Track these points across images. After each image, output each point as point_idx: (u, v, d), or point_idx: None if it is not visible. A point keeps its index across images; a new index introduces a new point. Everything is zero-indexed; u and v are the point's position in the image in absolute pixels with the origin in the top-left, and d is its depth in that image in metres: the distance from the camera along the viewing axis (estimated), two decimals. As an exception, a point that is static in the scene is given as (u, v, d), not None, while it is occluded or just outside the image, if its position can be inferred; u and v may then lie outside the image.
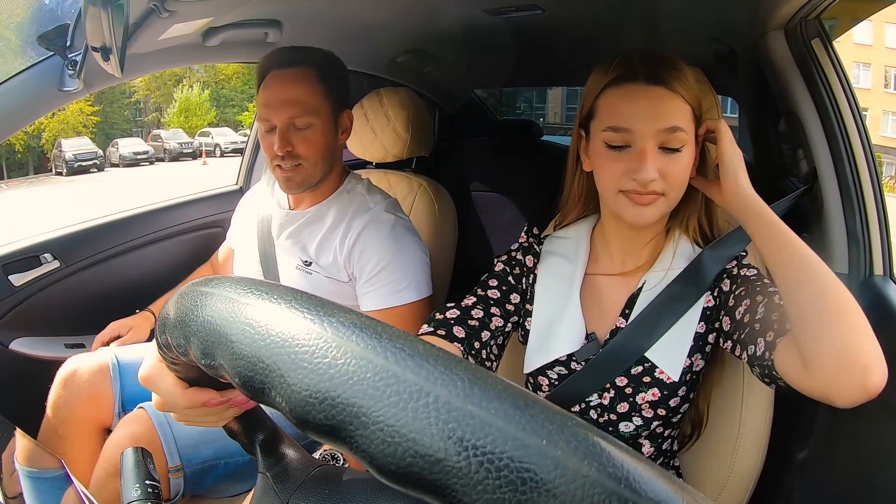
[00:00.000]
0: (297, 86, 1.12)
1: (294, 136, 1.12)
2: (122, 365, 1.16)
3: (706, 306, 0.83)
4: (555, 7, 1.34)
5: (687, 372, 0.81)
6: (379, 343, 0.25)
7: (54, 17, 1.18)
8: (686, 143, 0.77)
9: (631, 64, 0.78)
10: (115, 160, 20.41)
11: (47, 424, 1.10)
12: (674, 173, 0.77)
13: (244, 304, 0.30)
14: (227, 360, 0.29)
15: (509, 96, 5.78)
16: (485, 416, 0.23)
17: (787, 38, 1.07)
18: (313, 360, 0.26)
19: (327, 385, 0.25)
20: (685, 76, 0.78)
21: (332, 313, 0.28)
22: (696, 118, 0.79)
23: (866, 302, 0.98)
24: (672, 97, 0.76)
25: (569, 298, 0.87)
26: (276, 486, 0.42)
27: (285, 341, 0.27)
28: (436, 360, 0.25)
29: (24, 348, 1.33)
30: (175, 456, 1.01)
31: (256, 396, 0.28)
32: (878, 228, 1.00)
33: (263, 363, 0.27)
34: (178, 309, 0.34)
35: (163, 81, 27.88)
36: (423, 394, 0.23)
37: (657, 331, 0.82)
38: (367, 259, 1.13)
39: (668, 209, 0.81)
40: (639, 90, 0.77)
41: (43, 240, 1.41)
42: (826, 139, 1.03)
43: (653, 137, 0.76)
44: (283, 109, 1.11)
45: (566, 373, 0.86)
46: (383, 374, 0.24)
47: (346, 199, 1.21)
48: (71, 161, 18.84)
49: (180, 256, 1.66)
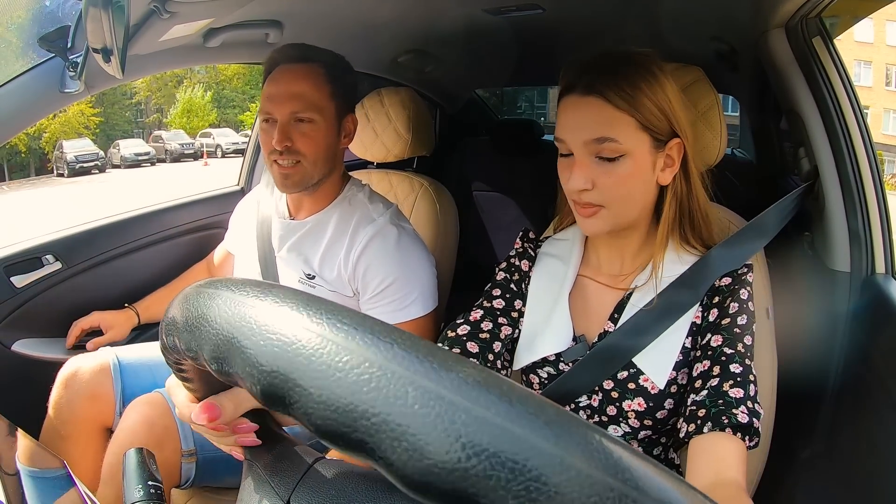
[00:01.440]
0: (304, 81, 1.10)
1: (294, 132, 1.10)
2: (122, 365, 1.16)
3: (694, 321, 0.82)
4: (555, 6, 1.34)
5: (672, 383, 0.80)
6: (403, 352, 0.25)
7: (55, 19, 1.18)
8: (625, 154, 0.76)
9: (572, 74, 0.78)
10: (117, 161, 20.44)
11: (49, 425, 1.11)
12: (608, 184, 0.77)
13: (260, 309, 0.29)
14: (241, 368, 0.28)
15: (510, 96, 5.79)
16: (516, 430, 0.22)
17: (787, 36, 1.07)
18: (336, 369, 0.25)
19: (352, 397, 0.24)
20: (634, 84, 0.75)
21: (363, 324, 0.27)
22: (650, 127, 0.76)
23: (868, 300, 0.98)
24: (604, 108, 0.75)
25: (558, 299, 0.87)
26: (272, 479, 0.40)
27: (305, 349, 0.26)
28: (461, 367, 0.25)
29: (27, 350, 1.33)
30: (189, 440, 1.02)
31: (274, 405, 0.27)
32: (879, 226, 1.00)
33: (282, 372, 0.26)
34: (187, 311, 0.33)
35: (164, 82, 27.92)
36: (443, 402, 0.23)
37: (648, 334, 0.81)
38: (374, 275, 1.11)
39: (616, 221, 0.80)
40: (573, 101, 0.78)
41: (45, 241, 1.41)
42: (827, 137, 1.03)
43: (582, 147, 0.77)
44: (287, 103, 1.09)
45: (555, 373, 0.86)
46: (404, 382, 0.24)
47: (348, 209, 1.18)
48: (72, 162, 18.86)
49: (182, 257, 1.66)
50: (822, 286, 1.05)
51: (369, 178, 1.55)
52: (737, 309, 0.79)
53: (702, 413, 0.72)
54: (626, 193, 0.78)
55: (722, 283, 0.82)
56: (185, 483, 1.04)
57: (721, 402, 0.71)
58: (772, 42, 1.09)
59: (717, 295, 0.82)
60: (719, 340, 0.77)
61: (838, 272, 1.02)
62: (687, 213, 0.84)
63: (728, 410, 0.71)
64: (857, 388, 0.98)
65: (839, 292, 1.02)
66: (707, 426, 0.70)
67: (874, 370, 0.92)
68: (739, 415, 0.70)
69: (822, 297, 1.05)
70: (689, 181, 0.82)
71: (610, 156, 0.76)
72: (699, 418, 0.72)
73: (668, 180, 0.80)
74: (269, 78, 1.13)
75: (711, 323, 0.80)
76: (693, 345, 0.82)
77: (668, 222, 0.82)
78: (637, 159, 0.76)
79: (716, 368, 0.75)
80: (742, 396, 0.72)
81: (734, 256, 0.83)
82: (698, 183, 0.83)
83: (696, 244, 0.85)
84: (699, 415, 0.72)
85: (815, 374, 1.03)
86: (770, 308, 0.91)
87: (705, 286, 0.82)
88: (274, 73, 1.12)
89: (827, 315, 1.03)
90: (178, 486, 1.05)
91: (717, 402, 0.72)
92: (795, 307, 1.05)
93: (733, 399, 0.71)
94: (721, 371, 0.74)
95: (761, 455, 0.91)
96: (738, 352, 0.75)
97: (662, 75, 0.77)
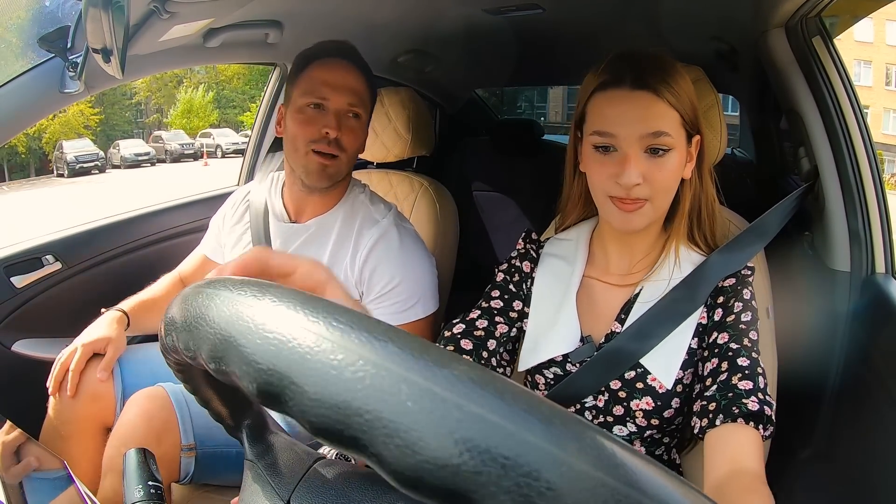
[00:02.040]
0: (357, 77, 1.11)
1: (344, 124, 1.09)
2: (123, 364, 1.15)
3: (700, 322, 0.82)
4: (555, 6, 1.34)
5: (679, 383, 0.81)
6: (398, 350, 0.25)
7: (55, 19, 1.18)
8: (673, 148, 0.77)
9: (618, 68, 0.78)
10: (117, 162, 20.43)
11: (49, 425, 1.10)
12: (659, 178, 0.77)
13: (257, 308, 0.29)
14: (237, 366, 0.28)
15: (510, 95, 5.78)
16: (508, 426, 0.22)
17: (787, 35, 1.07)
18: (331, 367, 0.25)
19: (354, 399, 0.24)
20: (675, 80, 0.77)
21: (358, 323, 0.27)
22: (686, 122, 0.79)
23: (868, 299, 0.98)
24: (656, 102, 0.76)
25: (565, 300, 0.87)
26: (272, 479, 0.40)
27: (300, 347, 0.26)
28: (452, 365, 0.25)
29: (27, 350, 1.33)
30: (189, 434, 1.01)
31: (270, 403, 0.27)
32: (879, 226, 1.00)
33: (278, 370, 0.26)
34: (186, 311, 0.33)
35: (164, 83, 27.90)
36: (439, 399, 0.23)
37: (654, 337, 0.81)
38: (380, 277, 1.11)
39: (655, 215, 0.81)
40: (623, 95, 0.77)
41: (44, 241, 1.41)
42: (827, 137, 1.03)
43: (637, 142, 0.77)
44: (345, 92, 1.08)
45: (562, 374, 0.86)
46: (397, 379, 0.24)
47: (349, 210, 1.17)
48: (72, 163, 18.85)
49: (182, 257, 1.65)
50: (823, 286, 1.05)
51: (369, 178, 1.54)
52: (741, 307, 0.79)
53: (713, 406, 0.72)
54: (671, 187, 0.80)
55: (725, 284, 0.83)
56: (184, 478, 1.04)
57: (731, 394, 0.72)
58: (772, 42, 1.09)
59: (721, 295, 0.82)
60: (725, 338, 0.77)
61: (838, 272, 1.02)
62: (696, 210, 0.86)
63: (738, 401, 0.71)
64: (857, 388, 0.98)
65: (839, 292, 1.02)
66: (719, 419, 0.70)
67: (874, 370, 0.92)
68: (749, 404, 0.70)
69: (823, 297, 1.05)
70: (701, 178, 0.84)
71: (664, 148, 0.77)
72: (710, 412, 0.72)
73: (689, 175, 0.82)
74: (317, 65, 1.10)
75: (717, 322, 0.80)
76: (699, 345, 0.82)
77: (684, 216, 0.84)
78: (680, 153, 0.79)
79: (724, 364, 0.75)
80: (752, 388, 0.72)
81: (736, 259, 0.84)
82: (709, 179, 0.85)
83: (701, 243, 0.86)
84: (710, 409, 0.72)
85: (815, 374, 1.03)
86: (770, 308, 0.91)
87: (708, 289, 0.82)
88: (324, 62, 1.10)
89: (827, 315, 1.03)
90: (178, 482, 1.05)
91: (727, 394, 0.72)
92: (795, 307, 1.05)
93: (743, 391, 0.72)
94: (729, 366, 0.75)
95: (761, 455, 0.91)
96: (744, 346, 0.76)
97: (682, 72, 0.80)
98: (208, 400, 0.43)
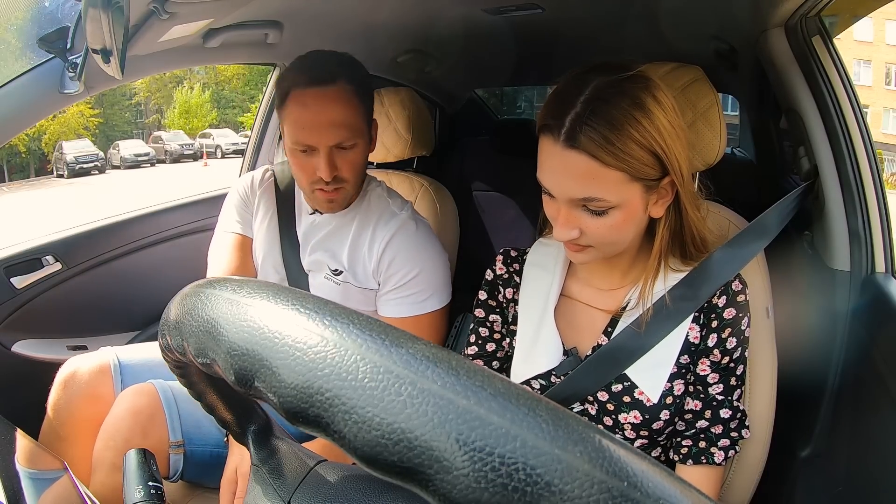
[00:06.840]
0: (340, 107, 1.02)
1: (339, 159, 1.05)
2: (122, 365, 1.16)
3: (692, 341, 0.81)
4: (555, 6, 1.34)
5: (668, 395, 0.80)
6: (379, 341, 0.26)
7: (54, 20, 1.17)
8: (614, 206, 0.70)
9: (556, 112, 0.70)
10: (116, 162, 20.46)
11: (48, 425, 1.11)
12: (598, 233, 0.73)
13: (234, 301, 0.31)
14: (217, 354, 0.30)
15: (510, 95, 5.77)
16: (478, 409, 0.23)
17: (787, 35, 1.07)
18: (303, 352, 0.26)
19: (315, 378, 0.25)
20: (621, 132, 0.66)
21: (323, 307, 0.28)
22: (641, 174, 0.69)
23: (868, 299, 0.98)
24: (589, 164, 0.67)
25: (544, 316, 0.87)
26: (275, 482, 0.41)
27: (275, 334, 0.28)
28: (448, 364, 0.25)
29: (27, 350, 1.33)
30: (178, 431, 1.02)
31: (247, 388, 0.28)
32: (879, 225, 1.00)
33: (252, 355, 0.28)
34: (177, 310, 0.34)
35: (163, 83, 27.92)
36: (407, 382, 0.24)
37: (645, 339, 0.80)
38: (398, 267, 1.11)
39: (606, 254, 0.78)
40: (555, 151, 0.69)
41: (44, 242, 1.41)
42: (827, 136, 1.03)
43: (566, 203, 0.72)
44: (328, 133, 1.02)
45: (546, 385, 0.86)
46: (356, 358, 0.25)
47: (369, 205, 1.18)
48: (72, 163, 18.88)
49: (182, 258, 1.66)
50: (822, 285, 1.05)
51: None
52: (735, 344, 0.80)
53: (685, 449, 0.80)
54: (616, 239, 0.75)
55: (717, 302, 0.80)
56: (173, 475, 1.05)
57: (703, 443, 0.80)
58: (771, 41, 1.09)
59: (716, 318, 0.80)
60: (716, 378, 0.80)
61: (838, 271, 1.02)
62: (679, 238, 0.81)
63: (708, 449, 0.79)
64: (857, 388, 0.97)
65: (839, 291, 1.02)
66: (689, 462, 0.80)
67: (874, 370, 0.92)
68: (717, 455, 0.79)
69: (822, 297, 1.05)
70: (680, 212, 0.78)
71: (600, 209, 0.71)
72: (682, 452, 0.80)
73: (661, 213, 0.76)
74: (295, 100, 1.02)
75: (710, 348, 0.80)
76: (689, 361, 0.82)
77: (659, 250, 0.79)
78: (628, 208, 0.72)
79: (707, 412, 0.80)
80: (723, 430, 0.80)
81: (736, 258, 0.83)
82: (691, 210, 0.78)
83: (688, 261, 0.83)
84: (682, 449, 0.81)
85: (815, 374, 1.03)
86: (770, 307, 0.91)
87: (707, 289, 0.80)
88: (301, 97, 1.02)
89: (827, 314, 1.03)
90: (168, 479, 1.05)
91: (699, 440, 0.80)
92: (795, 306, 1.05)
93: (714, 434, 0.79)
94: (712, 416, 0.80)
95: (761, 455, 0.91)
96: (729, 388, 0.80)
97: (652, 103, 0.68)
98: (213, 406, 0.44)
